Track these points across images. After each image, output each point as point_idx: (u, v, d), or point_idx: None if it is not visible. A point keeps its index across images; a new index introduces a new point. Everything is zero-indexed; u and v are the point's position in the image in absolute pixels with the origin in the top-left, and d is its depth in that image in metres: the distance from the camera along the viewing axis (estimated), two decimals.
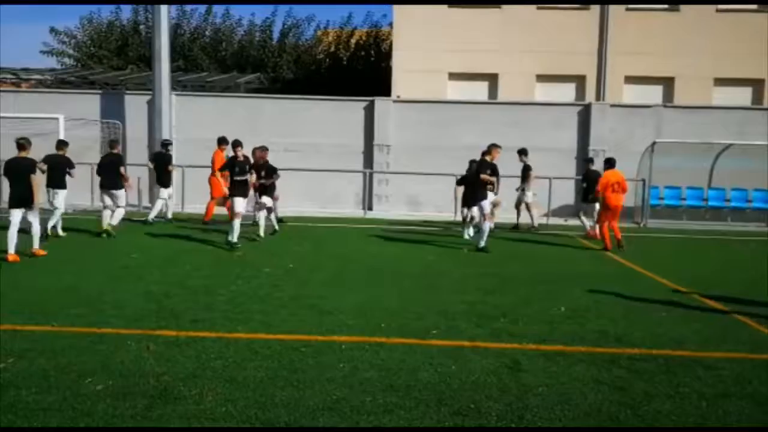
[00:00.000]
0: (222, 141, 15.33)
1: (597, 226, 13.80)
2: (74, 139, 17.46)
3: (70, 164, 12.51)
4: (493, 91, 22.12)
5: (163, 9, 17.13)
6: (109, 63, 27.17)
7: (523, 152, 16.00)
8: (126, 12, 28.90)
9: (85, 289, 8.23)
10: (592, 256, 12.35)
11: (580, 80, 22.01)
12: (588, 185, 14.82)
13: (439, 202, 18.82)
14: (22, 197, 10.18)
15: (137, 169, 17.39)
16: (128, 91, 20.29)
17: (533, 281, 9.55)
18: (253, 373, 5.39)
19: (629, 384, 5.37)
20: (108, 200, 13.15)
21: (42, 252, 10.47)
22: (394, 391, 5.10)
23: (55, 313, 7.03)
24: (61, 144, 12.84)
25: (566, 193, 18.93)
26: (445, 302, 8.04)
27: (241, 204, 12.02)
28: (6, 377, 5.14)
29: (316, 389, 5.08)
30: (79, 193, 16.79)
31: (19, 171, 10.18)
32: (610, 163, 13.53)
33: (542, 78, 21.93)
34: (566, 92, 22.02)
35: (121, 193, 13.24)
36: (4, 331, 6.31)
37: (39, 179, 10.41)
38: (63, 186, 12.47)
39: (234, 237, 11.71)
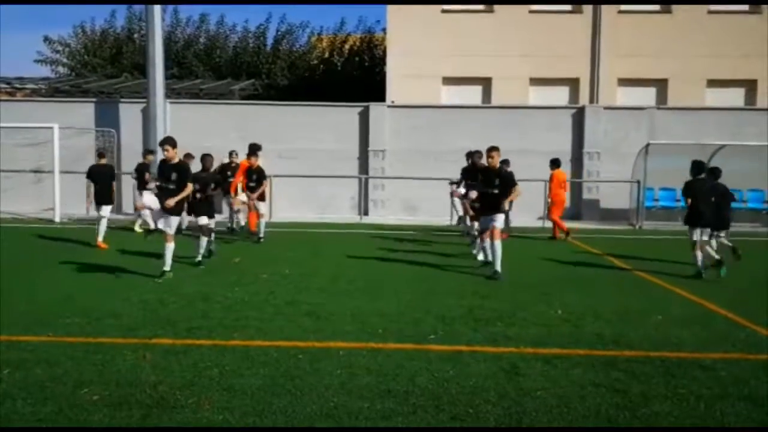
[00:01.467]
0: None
1: None
2: (69, 148, 17.51)
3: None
4: (486, 94, 22.17)
5: (157, 17, 17.15)
6: (104, 71, 27.14)
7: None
8: (120, 20, 28.94)
9: (80, 298, 8.19)
10: (587, 259, 12.36)
11: (573, 83, 22.08)
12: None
13: (435, 207, 18.83)
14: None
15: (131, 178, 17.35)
16: (123, 100, 20.27)
17: (529, 285, 9.55)
18: (250, 380, 5.36)
19: (627, 386, 5.37)
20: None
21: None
22: (392, 396, 5.08)
23: (51, 322, 6.99)
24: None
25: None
26: (442, 307, 8.04)
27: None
28: (2, 388, 5.11)
29: (314, 396, 5.06)
30: (76, 203, 16.78)
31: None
32: (557, 164, 15.23)
33: (536, 81, 21.99)
34: (560, 95, 22.08)
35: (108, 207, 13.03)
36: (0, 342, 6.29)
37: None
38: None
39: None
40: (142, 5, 19.92)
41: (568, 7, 21.99)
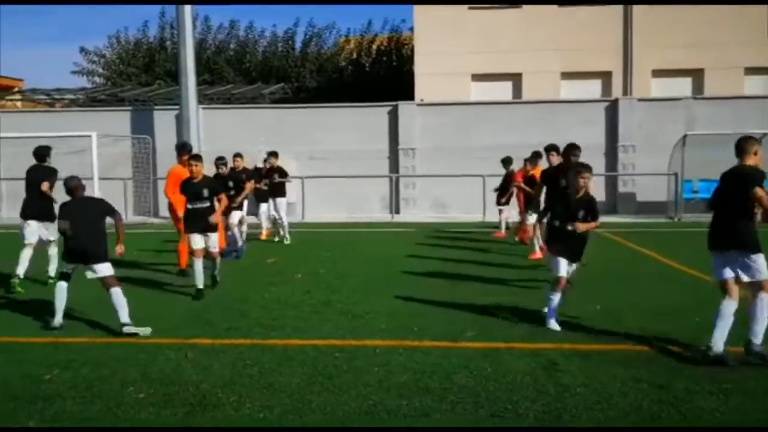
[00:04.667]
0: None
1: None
2: (106, 155, 17.85)
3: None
4: (517, 90, 22.03)
5: (188, 25, 17.37)
6: (138, 80, 27.64)
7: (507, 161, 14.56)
8: (152, 29, 29.47)
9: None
10: (626, 255, 12.20)
11: (605, 76, 21.81)
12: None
13: (466, 204, 18.77)
14: None
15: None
16: (156, 107, 20.60)
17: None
18: (288, 379, 5.42)
19: (670, 382, 5.29)
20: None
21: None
22: (430, 394, 5.09)
23: (96, 325, 7.14)
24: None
25: (595, 191, 18.71)
26: (477, 304, 8.00)
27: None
28: (52, 388, 5.24)
29: (352, 394, 5.09)
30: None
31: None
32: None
33: (567, 75, 21.78)
34: (592, 89, 21.83)
35: None
36: (47, 344, 6.44)
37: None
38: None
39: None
40: (174, 16, 20.19)
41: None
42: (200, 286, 8.47)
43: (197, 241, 8.56)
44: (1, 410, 4.81)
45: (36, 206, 9.46)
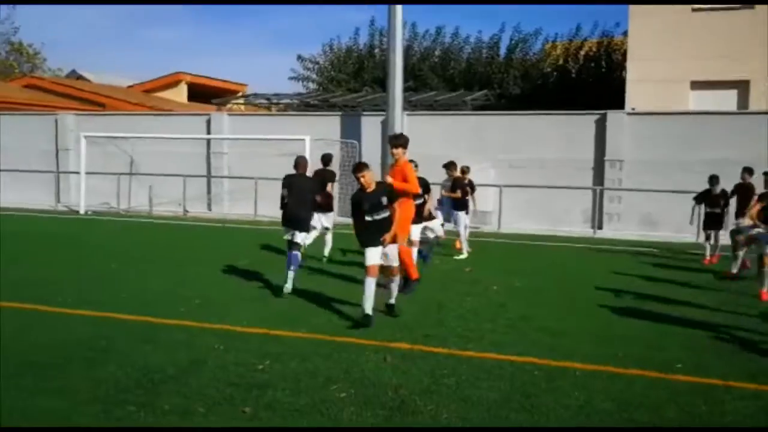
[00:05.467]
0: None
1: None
2: (315, 158, 19.02)
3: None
4: (743, 100, 20.05)
5: (398, 32, 17.92)
6: (347, 86, 29.15)
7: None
8: (363, 37, 30.91)
9: (324, 300, 8.80)
10: None
11: None
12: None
13: (678, 222, 17.42)
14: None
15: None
16: (364, 112, 21.56)
17: None
18: (486, 393, 5.39)
19: None
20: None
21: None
22: (636, 426, 4.79)
23: (302, 320, 7.63)
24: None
25: None
26: (691, 333, 7.40)
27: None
28: (264, 378, 5.69)
29: (551, 416, 4.95)
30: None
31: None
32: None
33: None
34: None
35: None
36: (261, 335, 7.01)
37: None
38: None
39: None
40: (384, 23, 21.01)
41: None
42: (369, 311, 7.40)
43: (374, 256, 7.56)
44: (221, 395, 5.29)
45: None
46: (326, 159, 13.36)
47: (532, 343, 6.91)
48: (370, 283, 7.43)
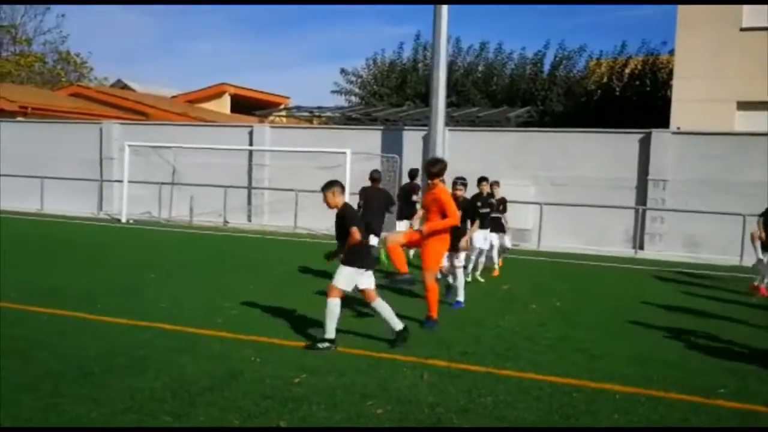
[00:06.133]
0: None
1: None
2: (357, 172, 19.13)
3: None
4: None
5: (443, 47, 17.96)
6: (389, 100, 29.27)
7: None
8: (407, 51, 31.08)
9: (361, 314, 8.78)
10: None
11: None
12: None
13: (722, 244, 17.03)
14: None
15: None
16: (406, 127, 21.61)
17: None
18: (523, 414, 5.33)
19: None
20: None
21: None
22: None
23: (340, 336, 7.60)
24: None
25: None
26: (732, 358, 7.21)
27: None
28: (300, 392, 5.70)
29: None
30: None
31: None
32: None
33: None
34: None
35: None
36: (297, 348, 7.02)
37: None
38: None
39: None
40: (429, 38, 21.07)
41: None
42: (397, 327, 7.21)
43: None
44: (257, 408, 5.31)
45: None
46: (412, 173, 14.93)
47: (570, 363, 6.81)
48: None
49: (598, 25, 71.78)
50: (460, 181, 9.86)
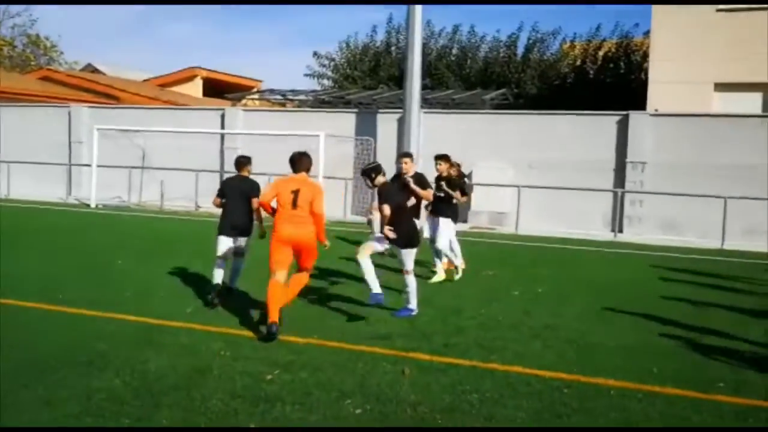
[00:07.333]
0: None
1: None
2: (331, 155, 18.66)
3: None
4: None
5: (417, 30, 17.53)
6: (363, 83, 28.75)
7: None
8: (380, 34, 30.52)
9: (337, 304, 8.41)
10: None
11: None
12: None
13: (701, 227, 16.92)
14: None
15: None
16: (380, 110, 21.15)
17: None
18: (512, 412, 4.97)
19: None
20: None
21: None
22: None
23: (315, 326, 7.20)
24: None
25: None
26: (729, 348, 6.93)
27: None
28: (273, 390, 5.27)
29: None
30: (334, 207, 17.76)
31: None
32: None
33: None
34: None
35: None
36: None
37: None
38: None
39: None
40: (402, 21, 20.62)
41: None
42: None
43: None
44: (226, 408, 4.89)
45: None
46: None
47: (558, 355, 6.47)
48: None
49: (571, 7, 71.56)
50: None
